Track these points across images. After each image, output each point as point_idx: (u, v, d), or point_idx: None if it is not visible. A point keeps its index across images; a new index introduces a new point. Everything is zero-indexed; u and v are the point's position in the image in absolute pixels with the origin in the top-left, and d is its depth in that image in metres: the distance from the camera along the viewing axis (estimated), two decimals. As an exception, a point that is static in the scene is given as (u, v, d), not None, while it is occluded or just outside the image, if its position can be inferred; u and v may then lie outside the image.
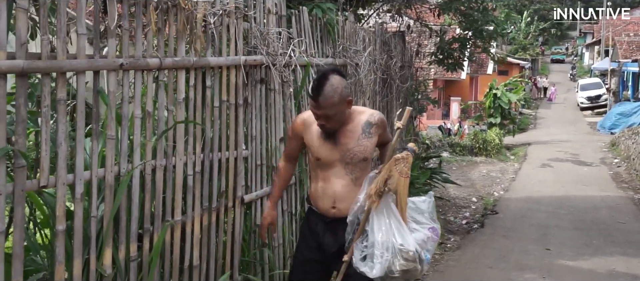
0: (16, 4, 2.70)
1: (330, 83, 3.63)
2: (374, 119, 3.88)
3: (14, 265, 2.77)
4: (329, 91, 3.61)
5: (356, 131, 3.82)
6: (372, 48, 7.57)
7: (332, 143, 3.80)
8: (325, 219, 3.91)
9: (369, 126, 3.85)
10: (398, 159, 3.60)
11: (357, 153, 3.80)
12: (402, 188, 3.60)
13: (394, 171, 3.58)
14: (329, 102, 3.61)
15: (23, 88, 2.75)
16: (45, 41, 2.83)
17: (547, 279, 7.26)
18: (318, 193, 3.92)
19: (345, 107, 3.72)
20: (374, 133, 3.86)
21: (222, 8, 4.17)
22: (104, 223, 3.25)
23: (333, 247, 3.87)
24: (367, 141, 3.82)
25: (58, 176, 2.97)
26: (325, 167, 3.86)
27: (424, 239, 3.65)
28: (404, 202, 3.62)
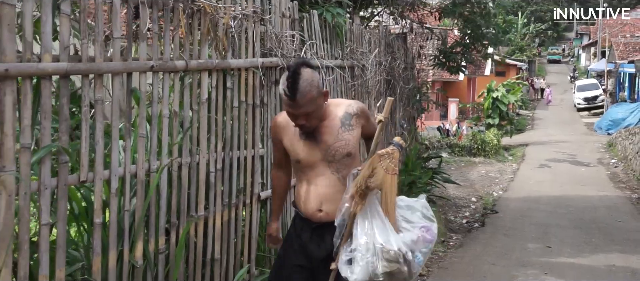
0: (60, 11, 2.88)
1: (304, 78, 3.30)
2: (353, 110, 3.57)
3: (58, 254, 2.95)
4: (305, 86, 3.29)
5: (335, 126, 3.52)
6: (378, 50, 7.75)
7: (311, 141, 3.50)
8: (312, 225, 3.59)
9: (348, 118, 3.54)
10: (382, 154, 3.36)
11: (339, 148, 3.50)
12: (388, 186, 3.34)
13: (379, 168, 3.33)
14: (307, 98, 3.30)
15: (66, 89, 2.93)
16: (85, 45, 3.01)
17: (549, 275, 7.44)
18: (303, 196, 3.60)
19: (322, 100, 3.42)
20: (355, 125, 3.55)
21: (242, 12, 4.35)
22: (136, 216, 3.43)
23: (320, 254, 3.55)
24: (348, 134, 3.52)
25: (96, 172, 3.16)
26: (307, 168, 3.56)
27: (414, 239, 3.37)
28: (390, 200, 3.36)
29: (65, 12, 2.90)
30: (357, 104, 3.65)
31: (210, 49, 4.17)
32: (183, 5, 3.71)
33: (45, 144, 2.85)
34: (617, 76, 41.21)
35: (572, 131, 32.66)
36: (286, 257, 3.69)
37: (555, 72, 64.42)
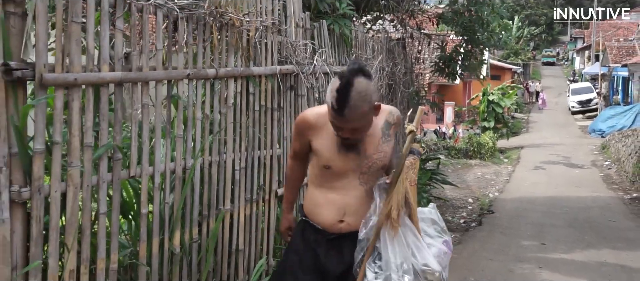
0: (115, 27, 3.28)
1: (357, 89, 2.90)
2: (393, 119, 3.29)
3: (113, 241, 3.35)
4: (356, 100, 2.90)
5: (376, 135, 3.21)
6: (383, 57, 8.17)
7: (350, 152, 3.18)
8: (329, 236, 3.26)
9: (388, 127, 3.25)
10: (408, 167, 3.16)
11: (377, 160, 3.22)
12: (412, 198, 3.17)
13: (405, 181, 3.15)
14: (358, 113, 2.93)
15: (120, 94, 3.33)
16: (135, 56, 3.42)
17: (544, 269, 7.85)
18: (322, 203, 3.29)
19: (374, 114, 3.08)
20: (392, 135, 3.28)
21: (263, 24, 4.76)
22: (174, 209, 3.84)
23: (338, 268, 3.23)
24: (386, 146, 3.24)
25: (143, 168, 3.56)
26: (335, 176, 3.24)
27: (441, 254, 3.21)
28: (415, 213, 3.20)
29: (119, 28, 3.31)
30: (397, 112, 3.36)
31: (236, 57, 4.56)
32: (213, 19, 4.11)
33: (103, 143, 3.25)
34: (611, 79, 41.67)
35: (567, 134, 33.07)
36: (295, 274, 3.32)
37: (550, 75, 64.90)
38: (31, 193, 2.87)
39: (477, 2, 11.67)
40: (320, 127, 3.23)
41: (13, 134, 2.80)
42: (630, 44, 42.33)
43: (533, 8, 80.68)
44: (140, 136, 3.57)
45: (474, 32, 12.19)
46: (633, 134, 20.39)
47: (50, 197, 2.97)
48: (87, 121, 3.12)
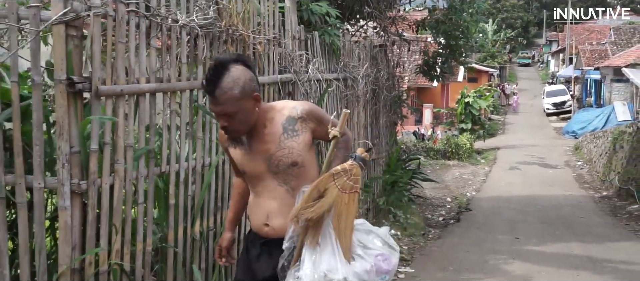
0: (150, 45, 3.86)
1: (230, 74, 2.97)
2: (297, 113, 3.16)
3: (148, 227, 3.92)
4: (227, 82, 2.95)
5: (276, 132, 3.14)
6: (368, 64, 8.79)
7: (250, 150, 3.17)
8: (260, 240, 3.27)
9: (292, 122, 3.15)
10: (337, 172, 3.03)
11: (281, 157, 3.12)
12: (343, 206, 3.03)
13: (331, 187, 3.01)
14: (227, 96, 2.95)
15: (154, 102, 3.91)
16: (165, 70, 4.01)
17: (516, 260, 8.50)
18: (251, 207, 3.30)
19: (250, 104, 3.04)
20: (302, 130, 3.15)
21: (267, 38, 5.35)
22: (195, 200, 4.42)
23: (266, 271, 3.22)
24: (291, 141, 3.12)
25: (171, 165, 4.15)
26: (254, 180, 3.23)
27: (367, 268, 3.05)
28: (344, 222, 3.04)
29: (154, 45, 3.89)
30: (302, 105, 3.23)
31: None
32: (226, 35, 4.70)
33: (141, 145, 3.83)
34: (584, 82, 42.56)
35: (542, 135, 33.92)
36: (237, 270, 3.47)
37: (526, 78, 65.92)
38: (88, 185, 3.44)
39: (456, 11, 12.35)
40: None
41: (74, 136, 3.37)
42: (603, 48, 43.20)
43: (509, 11, 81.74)
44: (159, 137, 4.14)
45: (454, 39, 12.89)
46: (604, 135, 21.15)
47: (102, 188, 3.54)
48: (129, 125, 3.69)
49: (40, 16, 3.30)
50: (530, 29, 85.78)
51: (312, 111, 3.19)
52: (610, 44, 41.85)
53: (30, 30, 3.26)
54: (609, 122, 28.28)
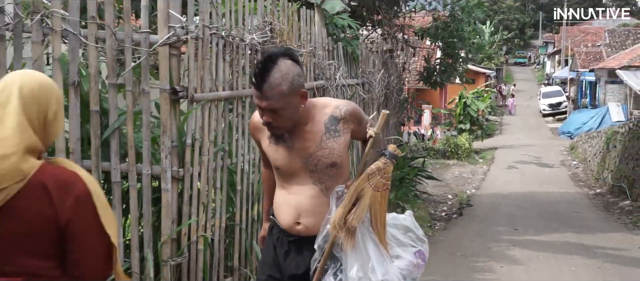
0: (224, 60, 4.78)
1: (279, 68, 2.89)
2: (340, 113, 3.10)
3: (222, 207, 4.84)
4: (276, 77, 2.87)
5: (318, 131, 3.07)
6: (383, 70, 9.72)
7: (288, 147, 3.09)
8: (289, 237, 3.20)
9: (335, 122, 3.09)
10: (372, 172, 3.04)
11: (321, 157, 3.07)
12: (377, 205, 3.05)
13: (367, 188, 3.03)
14: (275, 91, 2.87)
15: (226, 109, 4.83)
16: (236, 80, 4.92)
17: (516, 247, 9.42)
18: (280, 204, 3.22)
19: (297, 100, 2.98)
20: (343, 130, 3.10)
21: (306, 51, 6.27)
22: (254, 188, 5.33)
23: (296, 269, 3.17)
24: (333, 142, 3.08)
25: (238, 158, 5.06)
26: (286, 176, 3.16)
27: (410, 267, 3.09)
28: (380, 221, 3.07)
29: (227, 60, 4.80)
30: (346, 105, 3.16)
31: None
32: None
33: (219, 142, 4.75)
34: (579, 83, 43.37)
35: (538, 136, 34.70)
36: (262, 265, 3.38)
37: (523, 79, 66.77)
38: (184, 172, 4.35)
39: (456, 20, 13.29)
40: (263, 126, 3.12)
41: (174, 133, 4.28)
42: (598, 50, 43.92)
43: (505, 13, 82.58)
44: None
45: (453, 47, 13.84)
46: (598, 135, 21.89)
47: (192, 175, 4.45)
48: (211, 125, 4.60)
49: (149, 39, 4.21)
50: (526, 30, 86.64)
51: (354, 112, 3.14)
52: (604, 46, 42.55)
53: (142, 50, 4.17)
54: (604, 123, 28.85)
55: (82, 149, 4.18)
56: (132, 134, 4.22)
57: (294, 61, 2.99)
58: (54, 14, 4.09)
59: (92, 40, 4.13)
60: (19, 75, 2.25)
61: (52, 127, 2.25)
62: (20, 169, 2.11)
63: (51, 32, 4.10)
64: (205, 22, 4.47)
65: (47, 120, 2.23)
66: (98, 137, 4.21)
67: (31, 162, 2.14)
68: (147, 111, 4.24)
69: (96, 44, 4.15)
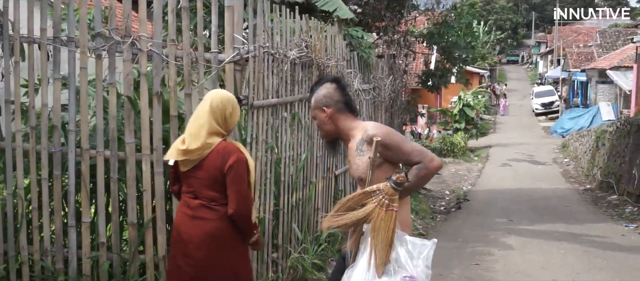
0: (273, 73, 5.79)
1: (318, 86, 3.90)
2: (366, 135, 3.67)
3: (270, 194, 5.85)
4: (314, 95, 3.89)
5: (352, 148, 3.74)
6: (392, 77, 10.75)
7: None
8: None
9: (362, 143, 3.68)
10: (372, 191, 3.53)
11: (354, 172, 3.75)
12: (381, 222, 3.47)
13: (370, 203, 3.50)
14: (312, 104, 3.89)
15: (275, 114, 5.84)
16: (281, 89, 5.93)
17: (512, 235, 10.47)
18: None
19: (322, 115, 3.82)
20: (367, 150, 3.65)
21: (331, 62, 7.27)
22: (292, 179, 6.33)
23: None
24: (359, 159, 3.67)
25: (282, 154, 6.07)
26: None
27: None
28: (382, 237, 3.44)
29: (275, 73, 5.81)
30: (373, 129, 3.71)
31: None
32: (313, 62, 6.62)
33: (268, 141, 5.76)
34: (571, 83, 44.27)
35: (531, 134, 35.75)
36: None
37: (516, 78, 67.77)
38: (244, 165, 5.37)
39: (452, 28, 14.34)
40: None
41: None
42: (589, 50, 44.72)
43: (498, 13, 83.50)
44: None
45: (450, 53, 14.90)
46: (588, 134, 22.85)
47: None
48: (264, 126, 5.62)
49: (218, 58, 5.21)
50: (519, 30, 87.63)
51: (376, 136, 3.61)
52: (596, 46, 43.25)
53: (212, 67, 5.17)
54: (595, 122, 29.74)
55: (163, 146, 5.19)
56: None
57: (338, 85, 3.88)
58: (141, 37, 5.11)
59: (172, 58, 5.15)
60: (212, 92, 4.15)
61: (230, 120, 4.03)
62: (208, 143, 3.92)
63: (139, 52, 5.13)
64: (260, 43, 5.47)
65: (226, 117, 4.01)
66: (176, 137, 5.21)
67: (214, 139, 3.94)
68: (216, 116, 5.26)
69: (175, 61, 5.16)
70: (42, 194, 5.35)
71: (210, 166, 3.88)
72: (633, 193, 14.39)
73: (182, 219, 3.99)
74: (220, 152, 3.89)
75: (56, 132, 5.29)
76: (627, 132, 16.37)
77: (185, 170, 3.96)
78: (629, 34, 35.60)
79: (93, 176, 5.32)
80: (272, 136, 5.84)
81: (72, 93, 5.29)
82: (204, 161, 3.89)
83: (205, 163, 3.89)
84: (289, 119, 6.29)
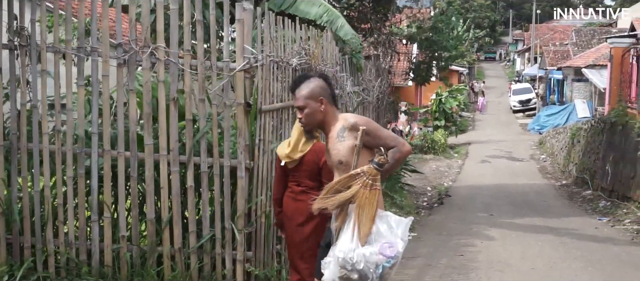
0: (277, 80, 6.30)
1: (310, 80, 4.20)
2: (347, 123, 4.04)
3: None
4: (305, 86, 4.16)
5: (333, 136, 4.09)
6: (380, 79, 11.31)
7: (327, 147, 4.17)
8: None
9: (343, 131, 4.03)
10: (357, 173, 3.91)
11: (334, 156, 4.06)
12: (365, 200, 3.86)
13: (354, 185, 3.87)
14: (301, 93, 4.13)
15: (285, 116, 6.35)
16: (283, 93, 6.45)
17: (493, 228, 11.06)
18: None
19: (316, 105, 4.11)
20: (347, 137, 4.00)
21: (327, 67, 7.80)
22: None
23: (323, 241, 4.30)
24: (339, 145, 4.03)
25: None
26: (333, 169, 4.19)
27: (373, 251, 3.83)
28: (366, 213, 3.86)
29: (279, 79, 6.33)
30: (353, 118, 4.15)
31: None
32: (311, 69, 7.14)
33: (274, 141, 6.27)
34: (548, 81, 44.98)
35: (509, 131, 36.39)
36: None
37: (494, 75, 68.56)
38: (253, 164, 5.86)
39: (438, 30, 14.96)
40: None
41: (246, 135, 5.78)
42: (565, 48, 45.33)
43: (477, 11, 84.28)
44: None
45: (435, 51, 15.52)
46: (564, 131, 23.43)
47: (260, 166, 5.96)
48: (270, 128, 6.13)
49: (229, 66, 5.72)
50: (497, 28, 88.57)
51: (356, 124, 4.04)
52: (571, 45, 43.74)
53: (224, 74, 5.68)
54: (571, 119, 30.36)
55: (179, 147, 5.71)
56: (217, 137, 5.74)
57: (325, 81, 4.30)
58: (159, 48, 5.62)
59: (187, 67, 5.66)
60: None
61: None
62: (303, 149, 4.96)
63: (157, 61, 5.64)
64: (267, 53, 5.98)
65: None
66: (191, 139, 5.74)
67: (308, 145, 4.94)
68: (228, 119, 5.76)
69: (190, 69, 5.67)
70: (67, 191, 5.84)
71: (308, 162, 5.00)
72: (606, 189, 15.02)
73: (288, 201, 5.11)
74: (315, 151, 4.99)
75: (80, 134, 5.78)
76: (601, 130, 16.98)
77: (291, 167, 5.05)
78: (604, 33, 36.29)
79: (114, 175, 5.83)
80: (276, 137, 6.34)
81: (95, 99, 5.79)
82: (304, 159, 4.99)
83: (305, 160, 5.00)
84: (292, 121, 6.79)
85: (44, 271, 5.87)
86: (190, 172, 5.79)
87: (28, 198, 5.87)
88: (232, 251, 5.86)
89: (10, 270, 5.80)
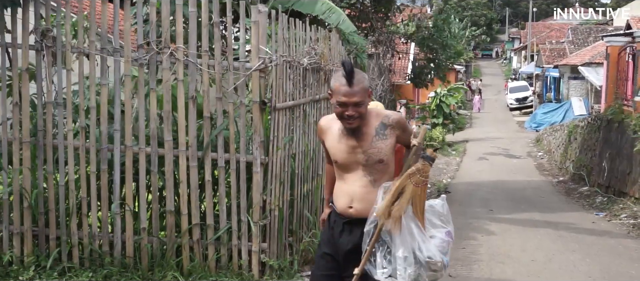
0: (289, 79, 6.58)
1: (358, 71, 3.78)
2: (389, 121, 3.84)
3: (286, 184, 6.65)
4: (359, 77, 3.73)
5: (370, 133, 3.79)
6: (383, 77, 11.60)
7: (350, 144, 3.82)
8: (343, 219, 3.94)
9: (383, 128, 3.82)
10: (413, 172, 3.72)
11: (372, 154, 3.79)
12: (418, 197, 3.73)
13: (408, 185, 3.69)
14: (361, 86, 3.69)
15: (294, 114, 6.64)
16: (296, 92, 6.73)
17: (493, 223, 11.35)
18: (337, 193, 3.98)
19: (368, 97, 3.79)
20: (389, 135, 3.82)
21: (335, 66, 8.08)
22: (303, 172, 7.14)
23: (347, 245, 3.93)
24: (381, 143, 3.81)
25: (295, 149, 6.87)
26: (344, 168, 3.89)
27: (443, 244, 3.79)
28: (420, 210, 3.75)
29: (291, 78, 6.61)
30: (394, 115, 3.90)
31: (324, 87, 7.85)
32: (320, 68, 7.42)
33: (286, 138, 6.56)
34: (544, 78, 45.21)
35: (506, 129, 36.71)
36: (320, 243, 4.22)
37: (491, 73, 68.80)
38: (268, 159, 6.15)
39: (439, 30, 15.24)
40: (328, 128, 4.00)
41: (261, 132, 6.07)
42: (561, 46, 45.53)
43: (474, 9, 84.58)
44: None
45: (436, 53, 15.81)
46: (561, 128, 23.68)
47: (274, 162, 6.25)
48: (283, 125, 6.42)
49: (245, 66, 6.00)
50: (493, 26, 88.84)
51: (400, 121, 3.89)
52: (568, 43, 43.91)
53: (240, 74, 5.97)
54: (567, 116, 30.47)
55: (197, 143, 6.00)
56: (233, 134, 6.03)
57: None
58: (178, 49, 5.92)
59: (205, 67, 5.96)
60: None
61: None
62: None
63: (177, 61, 5.93)
64: (281, 53, 6.27)
65: None
66: (208, 135, 6.04)
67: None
68: (243, 116, 6.05)
69: (208, 69, 5.96)
70: (90, 186, 6.14)
71: None
72: (603, 185, 15.29)
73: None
74: None
75: (103, 131, 6.07)
76: (598, 127, 17.25)
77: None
78: (600, 32, 36.52)
79: (136, 170, 6.13)
80: (288, 133, 6.63)
81: (118, 97, 6.08)
82: None
83: None
84: (302, 118, 7.08)
85: (68, 261, 6.17)
86: (207, 167, 6.09)
87: (53, 191, 6.16)
88: (247, 243, 6.16)
89: (36, 261, 6.10)
